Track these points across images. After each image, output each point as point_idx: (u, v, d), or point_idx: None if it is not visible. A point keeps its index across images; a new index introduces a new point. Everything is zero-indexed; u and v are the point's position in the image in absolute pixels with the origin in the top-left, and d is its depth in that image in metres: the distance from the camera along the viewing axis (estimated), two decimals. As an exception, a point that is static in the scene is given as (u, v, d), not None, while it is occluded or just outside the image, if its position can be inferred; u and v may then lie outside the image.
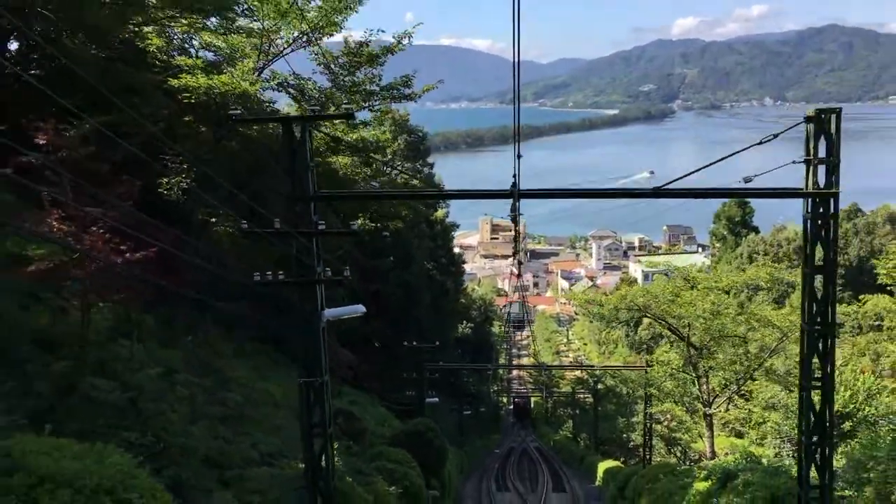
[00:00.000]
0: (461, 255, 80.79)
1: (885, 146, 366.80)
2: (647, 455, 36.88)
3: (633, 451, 46.69)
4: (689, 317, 33.06)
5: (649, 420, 37.03)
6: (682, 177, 11.26)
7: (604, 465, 36.93)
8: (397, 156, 45.84)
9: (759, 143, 10.88)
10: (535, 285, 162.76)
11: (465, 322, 69.21)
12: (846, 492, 14.22)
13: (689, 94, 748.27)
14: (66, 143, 10.74)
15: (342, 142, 21.81)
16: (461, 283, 70.64)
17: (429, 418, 27.23)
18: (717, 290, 33.88)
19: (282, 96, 24.02)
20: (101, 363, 11.35)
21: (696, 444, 41.46)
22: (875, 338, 45.75)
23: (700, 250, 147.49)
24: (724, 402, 36.20)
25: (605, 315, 43.04)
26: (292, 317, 11.66)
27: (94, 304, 11.48)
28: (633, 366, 49.60)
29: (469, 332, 69.49)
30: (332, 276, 11.23)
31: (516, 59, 9.46)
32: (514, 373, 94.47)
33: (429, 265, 50.51)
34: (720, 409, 37.53)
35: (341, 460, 14.42)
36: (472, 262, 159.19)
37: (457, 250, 77.88)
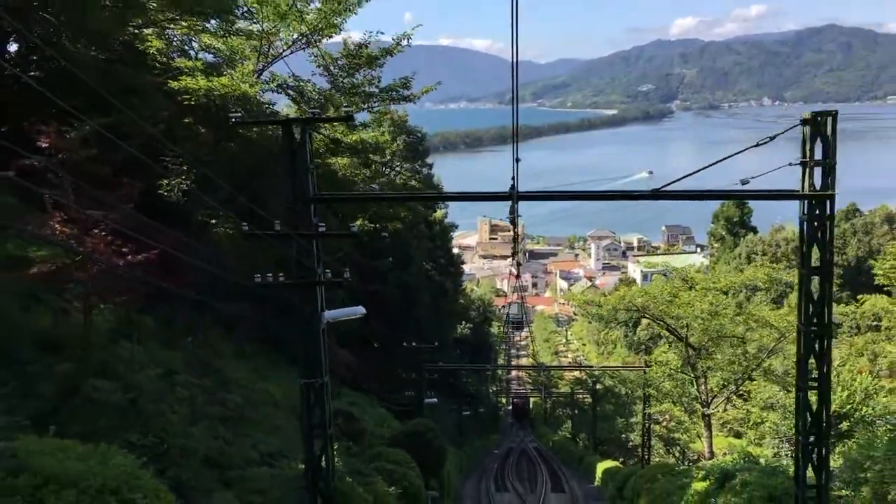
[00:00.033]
0: (460, 255, 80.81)
1: (883, 146, 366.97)
2: (645, 455, 36.88)
3: (632, 451, 46.68)
4: (688, 317, 33.04)
5: (648, 420, 37.00)
6: (680, 178, 11.34)
7: (602, 466, 36.96)
8: (396, 156, 45.87)
9: (756, 146, 10.97)
10: (534, 286, 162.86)
11: (463, 322, 69.19)
12: (843, 491, 14.31)
13: (688, 94, 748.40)
14: (68, 145, 10.81)
15: (341, 143, 21.89)
16: (460, 284, 70.62)
17: (428, 419, 27.27)
18: (715, 291, 33.85)
19: (281, 98, 24.09)
20: (103, 364, 11.40)
21: (694, 444, 41.53)
22: (873, 338, 45.89)
23: (699, 250, 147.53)
24: (723, 402, 36.26)
25: (604, 316, 43.08)
26: (292, 318, 11.71)
27: (96, 305, 11.54)
28: (631, 366, 49.67)
29: (468, 333, 69.47)
30: (332, 277, 11.28)
31: (514, 61, 9.51)
32: (513, 373, 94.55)
33: (427, 266, 50.54)
34: (718, 410, 37.59)
35: (341, 461, 14.47)
36: (470, 263, 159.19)
37: (455, 251, 77.88)
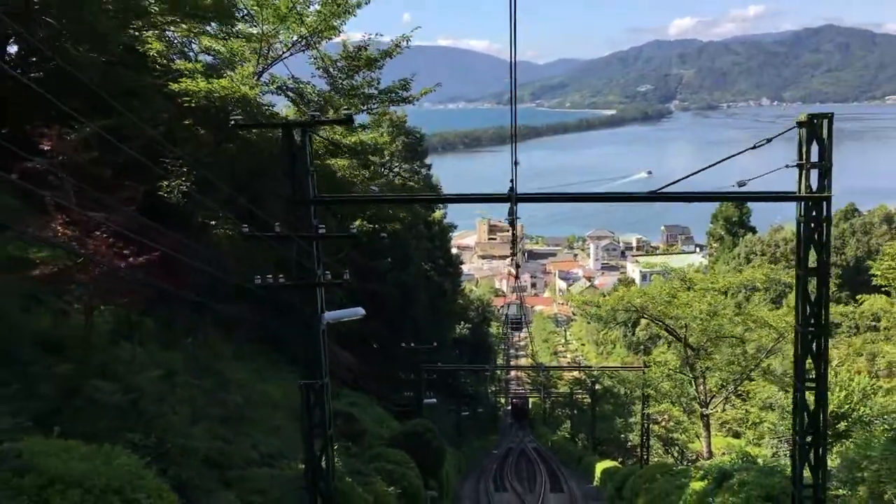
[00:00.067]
0: (459, 255, 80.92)
1: (881, 146, 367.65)
2: (644, 455, 36.96)
3: (631, 451, 46.73)
4: (686, 318, 33.08)
5: (647, 420, 37.07)
6: (678, 180, 11.41)
7: (601, 466, 37.01)
8: (395, 157, 45.97)
9: (753, 148, 11.04)
10: (533, 286, 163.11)
11: (462, 323, 69.20)
12: (840, 491, 14.37)
13: (687, 94, 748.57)
14: (70, 148, 10.85)
15: (341, 145, 21.97)
16: (459, 284, 70.68)
17: (427, 419, 27.32)
18: (713, 292, 33.89)
19: (281, 99, 24.16)
20: (104, 365, 11.47)
21: (693, 444, 41.57)
22: (871, 338, 45.99)
23: (698, 250, 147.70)
24: (721, 402, 36.33)
25: (603, 316, 43.17)
26: (292, 319, 11.77)
27: (96, 307, 11.60)
28: (630, 366, 49.76)
29: (467, 333, 69.48)
30: (332, 279, 11.35)
31: (513, 64, 9.58)
32: (512, 373, 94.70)
33: (426, 266, 50.61)
34: (717, 410, 37.65)
35: (340, 461, 14.53)
36: (469, 263, 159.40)
37: (454, 251, 77.97)
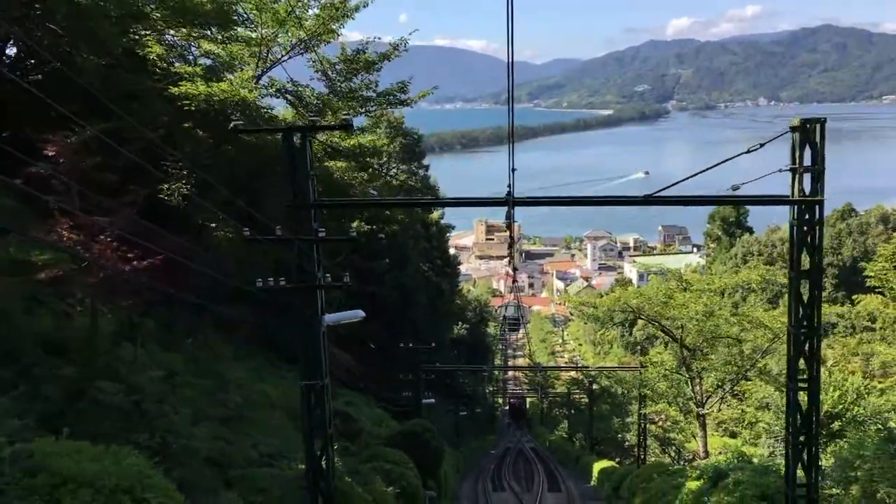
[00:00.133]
0: (456, 256, 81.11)
1: (878, 146, 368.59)
2: (641, 455, 37.13)
3: (628, 450, 46.89)
4: (683, 318, 33.24)
5: (644, 420, 37.24)
6: (674, 184, 11.57)
7: (599, 465, 37.17)
8: (393, 158, 46.09)
9: (748, 152, 11.17)
10: (531, 286, 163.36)
11: (460, 323, 69.31)
12: (834, 490, 14.54)
13: (684, 94, 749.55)
14: (74, 153, 10.97)
15: (340, 147, 22.10)
16: (456, 285, 70.81)
17: (425, 419, 27.43)
18: (709, 292, 34.04)
19: (280, 101, 24.28)
20: (106, 367, 11.59)
21: (689, 443, 41.72)
22: (867, 338, 46.16)
23: (695, 251, 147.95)
24: (717, 402, 36.47)
25: (600, 317, 43.30)
26: (293, 321, 11.90)
27: (101, 310, 11.73)
28: (627, 366, 49.90)
29: (465, 334, 69.60)
30: (332, 281, 11.49)
31: (510, 68, 9.72)
32: (510, 373, 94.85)
33: (424, 267, 50.70)
34: (713, 410, 37.81)
35: (339, 461, 14.67)
36: (467, 263, 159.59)
37: (452, 251, 78.11)
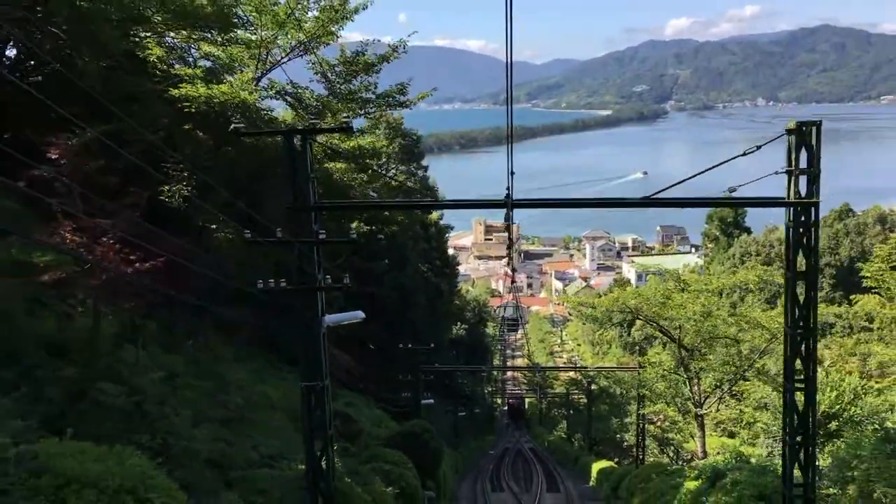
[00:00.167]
0: (455, 256, 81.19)
1: (876, 146, 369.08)
2: (640, 455, 37.18)
3: (627, 451, 46.96)
4: (680, 319, 33.25)
5: (642, 420, 37.30)
6: (671, 185, 11.65)
7: (597, 466, 37.25)
8: (392, 159, 46.17)
9: (743, 155, 11.26)
10: (529, 286, 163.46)
11: (459, 324, 69.40)
12: (831, 490, 14.61)
13: (682, 94, 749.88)
14: (71, 153, 11.04)
15: (339, 150, 22.18)
16: (455, 285, 70.88)
17: (424, 420, 27.50)
18: (707, 293, 34.04)
19: (279, 103, 24.35)
20: (108, 368, 11.66)
21: (688, 444, 41.77)
22: (864, 338, 46.25)
23: (693, 251, 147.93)
24: (716, 402, 36.51)
25: (598, 317, 43.31)
26: (293, 322, 11.97)
27: (103, 311, 11.80)
28: (625, 367, 49.95)
29: (463, 334, 69.71)
30: (332, 283, 11.56)
31: (509, 71, 9.77)
32: (509, 374, 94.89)
33: (423, 267, 50.80)
34: (711, 410, 37.85)
35: (339, 462, 14.74)
36: (466, 264, 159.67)
37: (451, 252, 78.21)
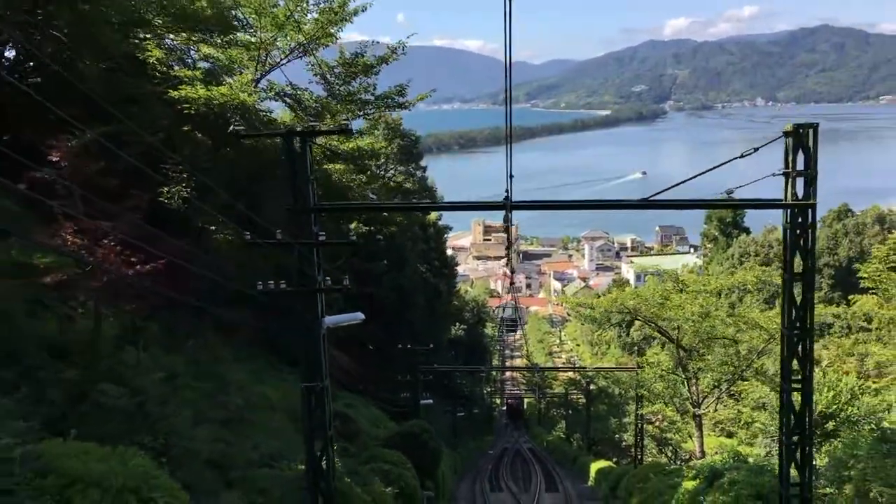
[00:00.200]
0: (454, 257, 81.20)
1: (875, 146, 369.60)
2: (638, 455, 37.25)
3: (625, 451, 47.06)
4: (679, 319, 33.31)
5: (640, 420, 37.37)
6: (670, 187, 11.72)
7: (596, 465, 37.35)
8: (390, 160, 46.19)
9: (741, 157, 11.33)
10: (528, 286, 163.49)
11: (458, 324, 69.43)
12: (827, 489, 14.68)
13: (681, 94, 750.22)
14: (74, 157, 11.09)
15: (339, 151, 22.26)
16: (454, 286, 70.87)
17: (423, 420, 27.58)
18: (705, 293, 34.10)
19: (279, 105, 24.41)
20: (109, 370, 11.72)
21: (686, 443, 41.85)
22: (863, 338, 46.37)
23: (692, 251, 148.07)
24: (714, 402, 36.58)
25: (597, 318, 43.37)
26: (293, 323, 12.03)
27: (104, 313, 11.85)
28: (624, 367, 50.03)
29: (462, 334, 69.77)
30: (332, 284, 11.63)
31: (508, 71, 9.83)
32: (507, 374, 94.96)
33: (422, 268, 50.82)
34: (709, 410, 37.93)
35: (339, 462, 14.80)
36: (464, 264, 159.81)
37: (449, 252, 78.23)
